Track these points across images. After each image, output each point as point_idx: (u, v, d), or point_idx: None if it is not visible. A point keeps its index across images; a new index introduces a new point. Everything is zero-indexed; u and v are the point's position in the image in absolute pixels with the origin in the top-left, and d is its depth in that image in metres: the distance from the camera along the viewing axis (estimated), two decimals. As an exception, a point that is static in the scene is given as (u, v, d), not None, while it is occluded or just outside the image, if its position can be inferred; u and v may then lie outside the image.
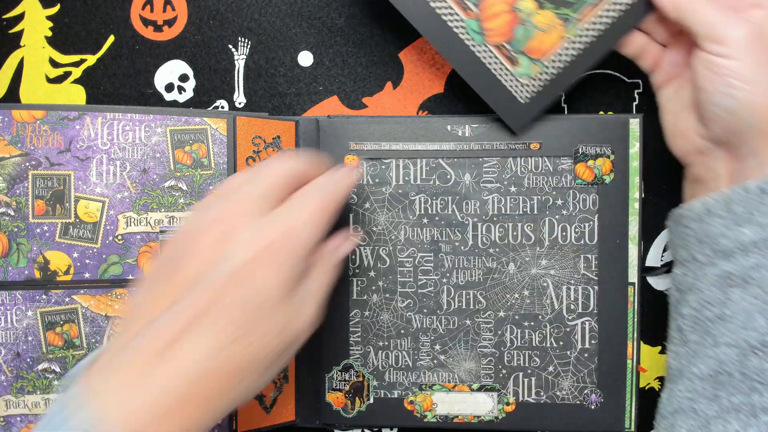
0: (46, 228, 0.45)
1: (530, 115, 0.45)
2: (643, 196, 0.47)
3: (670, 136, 0.43)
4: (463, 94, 0.47)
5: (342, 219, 0.47)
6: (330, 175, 0.38)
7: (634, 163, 0.46)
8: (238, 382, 0.32)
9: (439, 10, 0.43)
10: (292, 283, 0.34)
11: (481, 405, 0.47)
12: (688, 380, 0.39)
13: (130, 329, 0.33)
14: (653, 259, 0.48)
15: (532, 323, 0.47)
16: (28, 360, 0.44)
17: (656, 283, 0.48)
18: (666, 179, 0.48)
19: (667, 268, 0.48)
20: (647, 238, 0.48)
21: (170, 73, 0.50)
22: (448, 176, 0.47)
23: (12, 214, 0.44)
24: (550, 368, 0.47)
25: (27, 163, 0.44)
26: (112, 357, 0.32)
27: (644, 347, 0.48)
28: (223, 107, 0.50)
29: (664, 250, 0.48)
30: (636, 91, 0.49)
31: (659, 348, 0.48)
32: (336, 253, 0.40)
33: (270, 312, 0.33)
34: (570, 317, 0.47)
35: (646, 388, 0.48)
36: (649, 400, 0.47)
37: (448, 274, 0.47)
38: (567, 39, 0.43)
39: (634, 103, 0.49)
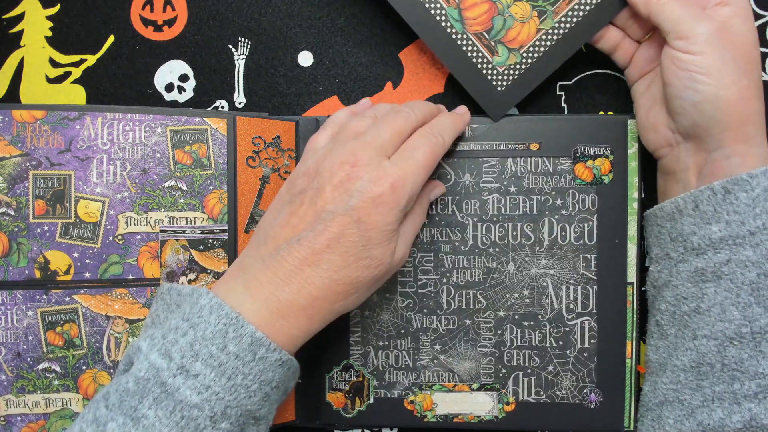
0: (46, 228, 0.45)
1: (508, 104, 0.46)
2: (642, 195, 0.47)
3: (642, 129, 0.45)
4: (463, 95, 0.47)
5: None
6: (442, 118, 0.43)
7: (633, 164, 0.46)
8: (343, 299, 0.38)
9: None
10: (399, 222, 0.39)
11: (481, 405, 0.47)
12: (671, 372, 0.41)
13: (260, 249, 0.39)
14: (652, 258, 0.49)
15: (532, 323, 0.47)
16: (29, 359, 0.45)
17: (655, 282, 0.49)
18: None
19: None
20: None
21: (170, 73, 0.50)
22: (448, 176, 0.47)
23: (12, 214, 0.45)
24: (550, 368, 0.47)
25: (27, 163, 0.45)
26: (244, 268, 0.38)
27: (643, 346, 0.49)
28: (223, 107, 0.50)
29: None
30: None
31: (658, 347, 0.49)
32: (428, 196, 0.45)
33: (378, 245, 0.38)
34: (569, 317, 0.47)
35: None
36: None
37: (448, 274, 0.47)
38: (543, 31, 0.45)
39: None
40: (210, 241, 0.46)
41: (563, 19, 0.45)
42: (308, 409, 0.48)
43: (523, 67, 0.45)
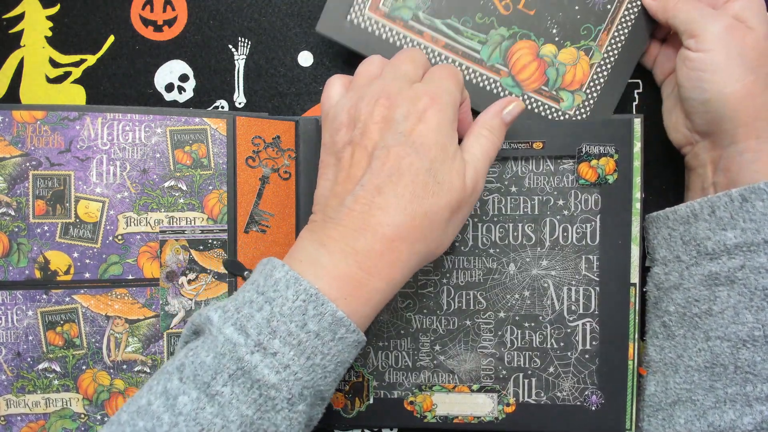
0: (46, 228, 0.46)
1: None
2: (642, 195, 0.48)
3: (667, 128, 0.47)
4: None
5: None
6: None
7: (637, 163, 0.47)
8: (422, 239, 0.36)
9: (476, 80, 0.47)
10: (455, 137, 0.38)
11: (481, 406, 0.48)
12: (684, 372, 0.42)
13: (326, 211, 0.38)
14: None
15: (533, 324, 0.48)
16: (29, 359, 0.46)
17: (657, 283, 0.49)
18: (665, 179, 0.49)
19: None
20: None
21: (170, 73, 0.51)
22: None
23: (12, 214, 0.46)
24: (551, 369, 0.48)
25: (27, 164, 0.46)
26: (313, 231, 0.38)
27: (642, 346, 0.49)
28: (223, 107, 0.51)
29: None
30: (636, 91, 0.50)
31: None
32: (498, 115, 0.41)
33: (441, 165, 0.37)
34: (571, 318, 0.48)
35: (647, 389, 0.49)
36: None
37: (448, 275, 0.48)
38: (596, 64, 0.47)
39: (634, 103, 0.50)
40: (210, 241, 0.47)
41: (609, 48, 0.47)
42: (308, 409, 0.49)
43: (592, 101, 0.48)
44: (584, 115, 0.48)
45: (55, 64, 0.50)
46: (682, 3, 0.44)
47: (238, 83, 0.51)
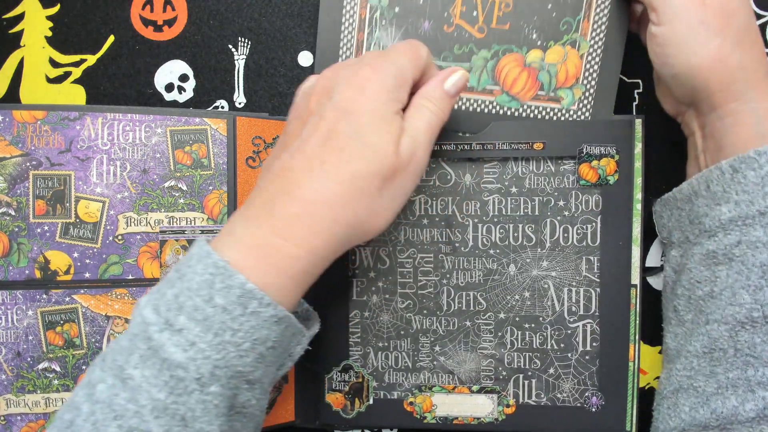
0: (46, 228, 0.46)
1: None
2: (642, 195, 0.48)
3: (659, 99, 0.46)
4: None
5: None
6: None
7: (637, 164, 0.47)
8: (346, 204, 0.35)
9: (472, 107, 0.48)
10: (395, 106, 0.37)
11: (481, 407, 0.48)
12: (684, 358, 0.41)
13: (258, 180, 0.38)
14: (653, 259, 0.50)
15: (533, 325, 0.48)
16: (29, 359, 0.46)
17: (657, 283, 0.50)
18: (666, 180, 0.50)
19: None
20: (647, 238, 0.49)
21: (170, 73, 0.51)
22: (449, 177, 0.48)
23: (13, 213, 0.46)
24: (551, 370, 0.48)
25: (28, 163, 0.46)
26: (244, 206, 0.37)
27: (644, 347, 0.50)
28: (223, 107, 0.51)
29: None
30: (636, 91, 0.50)
31: (659, 348, 0.50)
32: (442, 85, 0.40)
33: (373, 130, 0.36)
34: (571, 319, 0.48)
35: (646, 388, 0.50)
36: (649, 401, 0.48)
37: (448, 275, 0.49)
38: (585, 54, 0.47)
39: (634, 104, 0.50)
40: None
41: (594, 34, 0.47)
42: (308, 409, 0.50)
43: (592, 90, 0.48)
44: (588, 107, 0.48)
45: (55, 64, 0.51)
46: None
47: (238, 83, 0.51)
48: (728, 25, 0.39)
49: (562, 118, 0.48)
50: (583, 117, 0.47)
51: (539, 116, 0.48)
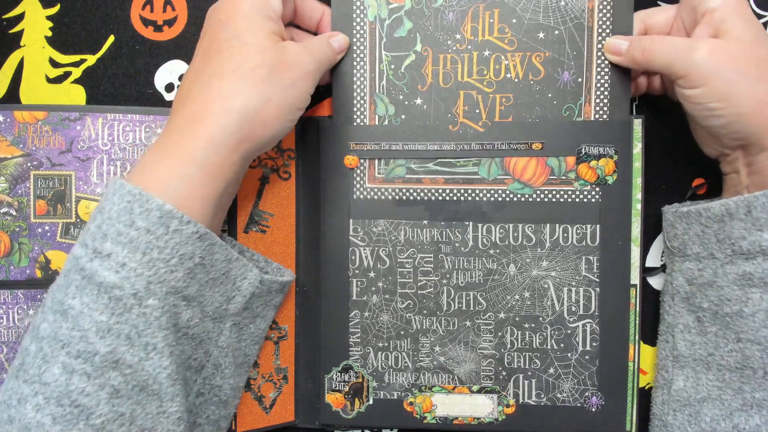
0: (47, 228, 0.48)
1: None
2: (642, 195, 0.50)
3: (699, 143, 0.48)
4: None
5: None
6: None
7: (637, 164, 0.49)
8: (236, 93, 0.40)
9: (486, 197, 0.50)
10: (267, 8, 0.42)
11: (481, 407, 0.51)
12: (717, 370, 0.44)
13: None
14: (653, 259, 0.52)
15: (533, 325, 0.50)
16: (30, 359, 0.48)
17: (656, 283, 0.52)
18: (665, 180, 0.52)
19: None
20: (647, 238, 0.51)
21: (170, 73, 0.53)
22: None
23: (14, 214, 0.48)
24: (551, 370, 0.50)
25: (28, 164, 0.48)
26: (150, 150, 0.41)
27: (644, 347, 0.51)
28: (222, 107, 0.53)
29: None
30: (635, 93, 0.52)
31: (658, 349, 0.52)
32: (330, 40, 0.48)
33: (249, 28, 0.41)
34: (571, 319, 0.50)
35: (646, 388, 0.52)
36: (649, 401, 0.50)
37: (448, 275, 0.51)
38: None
39: (634, 104, 0.52)
40: (210, 241, 0.49)
41: (597, 115, 0.49)
42: (308, 409, 0.52)
43: (603, 199, 0.49)
44: (598, 188, 0.49)
45: (55, 64, 0.53)
46: (653, 46, 0.44)
47: (238, 83, 0.53)
48: (766, 71, 0.41)
49: (577, 200, 0.49)
50: (596, 198, 0.50)
51: (554, 200, 0.50)
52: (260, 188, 0.50)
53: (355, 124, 0.50)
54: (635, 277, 0.49)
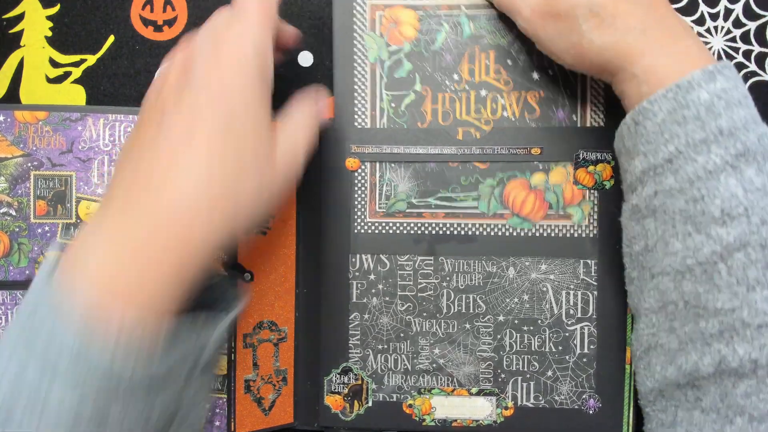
0: (47, 228, 0.50)
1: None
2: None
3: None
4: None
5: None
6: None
7: (635, 169, 0.51)
8: (220, 210, 0.35)
9: (485, 231, 0.52)
10: (262, 86, 0.38)
11: (480, 409, 0.52)
12: (645, 316, 0.43)
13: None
14: (653, 264, 0.54)
15: (532, 328, 0.52)
16: (29, 360, 0.49)
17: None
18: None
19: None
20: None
21: (170, 73, 0.55)
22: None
23: (13, 214, 0.49)
24: (549, 373, 0.52)
25: (29, 164, 0.49)
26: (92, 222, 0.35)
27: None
28: (222, 108, 0.55)
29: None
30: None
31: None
32: (315, 108, 0.45)
33: (245, 114, 0.36)
34: (569, 322, 0.52)
35: (644, 392, 0.53)
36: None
37: (447, 278, 0.52)
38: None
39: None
40: (210, 243, 0.50)
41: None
42: (307, 411, 0.53)
43: (598, 204, 0.51)
44: (595, 222, 0.51)
45: (55, 64, 0.54)
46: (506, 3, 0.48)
47: (238, 84, 0.55)
48: (572, 18, 0.43)
49: (576, 235, 0.51)
50: (593, 232, 0.51)
51: (552, 235, 0.51)
52: (261, 190, 0.51)
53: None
54: (633, 281, 0.51)
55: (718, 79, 0.39)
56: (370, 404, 0.52)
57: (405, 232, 0.52)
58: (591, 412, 0.51)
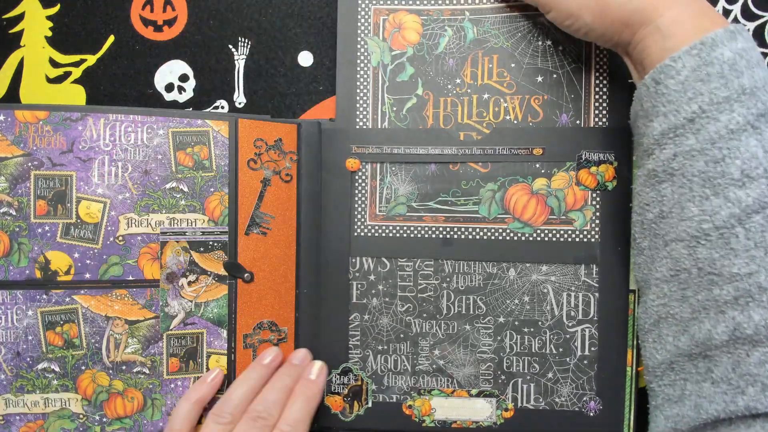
0: (47, 228, 0.50)
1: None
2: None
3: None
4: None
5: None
6: (295, 407, 0.49)
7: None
8: None
9: (486, 235, 0.52)
10: None
11: (480, 410, 0.52)
12: (655, 287, 0.42)
13: None
14: (654, 266, 0.54)
15: (532, 329, 0.52)
16: (28, 359, 0.50)
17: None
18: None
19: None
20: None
21: (170, 73, 0.55)
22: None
23: (14, 213, 0.50)
24: (550, 374, 0.52)
25: (29, 163, 0.50)
26: None
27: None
28: (223, 107, 0.55)
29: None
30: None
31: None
32: (311, 379, 0.51)
33: None
34: (570, 324, 0.52)
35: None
36: (647, 403, 0.52)
37: (448, 279, 0.52)
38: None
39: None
40: (210, 243, 0.51)
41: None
42: (306, 412, 0.53)
43: (600, 208, 0.51)
44: (597, 228, 0.51)
45: (55, 64, 0.54)
46: None
47: (238, 83, 0.55)
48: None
49: (577, 240, 0.51)
50: (594, 238, 0.51)
51: (553, 240, 0.51)
52: (261, 190, 0.51)
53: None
54: (634, 283, 0.51)
55: (739, 39, 0.39)
56: (369, 405, 0.53)
57: (405, 235, 0.52)
58: (591, 414, 0.52)
